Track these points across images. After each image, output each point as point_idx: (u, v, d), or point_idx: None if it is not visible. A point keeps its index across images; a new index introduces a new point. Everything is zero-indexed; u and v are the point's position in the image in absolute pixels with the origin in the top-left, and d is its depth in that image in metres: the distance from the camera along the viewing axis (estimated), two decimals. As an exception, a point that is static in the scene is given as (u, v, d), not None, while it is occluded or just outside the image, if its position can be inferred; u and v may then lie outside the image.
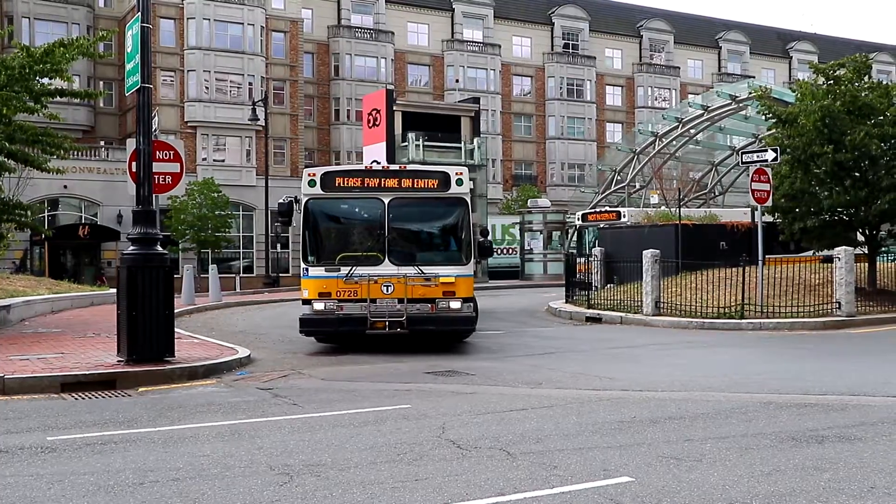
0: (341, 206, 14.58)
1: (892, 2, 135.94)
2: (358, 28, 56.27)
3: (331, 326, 14.11)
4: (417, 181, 14.23)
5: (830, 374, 11.72)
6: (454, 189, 14.15)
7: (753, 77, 61.34)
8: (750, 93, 34.99)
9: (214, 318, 22.13)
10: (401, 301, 13.70)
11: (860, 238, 21.77)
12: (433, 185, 14.23)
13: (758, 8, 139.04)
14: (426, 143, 39.20)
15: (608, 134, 65.67)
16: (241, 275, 45.70)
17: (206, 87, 47.89)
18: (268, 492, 5.97)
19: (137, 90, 11.70)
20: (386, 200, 13.98)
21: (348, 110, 55.02)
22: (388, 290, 13.69)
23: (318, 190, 14.05)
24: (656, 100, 67.04)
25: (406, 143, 38.93)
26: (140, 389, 10.63)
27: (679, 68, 68.59)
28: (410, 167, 14.93)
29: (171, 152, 13.09)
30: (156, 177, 12.40)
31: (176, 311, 21.12)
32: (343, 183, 14.18)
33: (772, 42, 74.28)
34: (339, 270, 13.76)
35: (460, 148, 40.17)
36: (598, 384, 11.02)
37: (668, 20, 68.71)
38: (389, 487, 6.05)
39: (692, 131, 44.82)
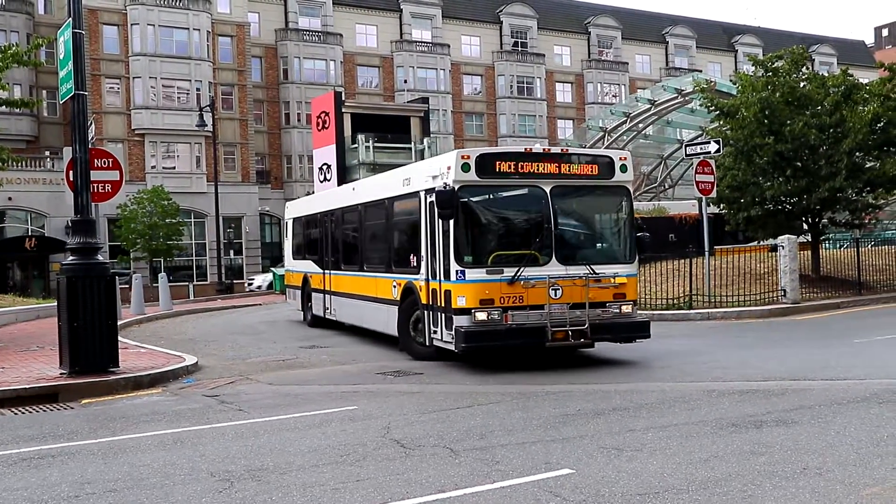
0: (498, 194, 12.41)
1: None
2: (306, 31, 55.90)
3: (500, 340, 11.72)
4: (581, 167, 12.35)
5: (773, 361, 11.92)
6: (618, 176, 12.45)
7: (700, 71, 62.18)
8: (694, 86, 35.44)
9: (164, 327, 21.83)
10: (576, 307, 11.79)
11: (804, 227, 22.20)
12: (595, 171, 12.42)
13: (703, 2, 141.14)
14: (376, 145, 39.14)
15: (559, 130, 66.11)
16: (195, 282, 45.20)
17: (153, 94, 47.23)
18: (207, 498, 5.92)
19: (72, 97, 11.46)
20: (547, 188, 12.00)
21: (298, 114, 54.63)
22: (556, 295, 11.73)
23: (472, 176, 11.75)
24: (606, 95, 67.63)
25: (356, 145, 38.85)
26: (83, 402, 10.43)
27: (627, 64, 69.32)
28: (572, 150, 12.83)
29: (110, 160, 12.92)
30: (95, 185, 12.23)
31: (125, 321, 21.06)
32: (501, 167, 11.97)
33: (717, 36, 75.45)
34: (501, 272, 11.60)
35: (411, 148, 40.17)
36: (545, 379, 11.08)
37: (615, 16, 69.42)
38: (330, 489, 6.03)
39: (640, 125, 45.29)
